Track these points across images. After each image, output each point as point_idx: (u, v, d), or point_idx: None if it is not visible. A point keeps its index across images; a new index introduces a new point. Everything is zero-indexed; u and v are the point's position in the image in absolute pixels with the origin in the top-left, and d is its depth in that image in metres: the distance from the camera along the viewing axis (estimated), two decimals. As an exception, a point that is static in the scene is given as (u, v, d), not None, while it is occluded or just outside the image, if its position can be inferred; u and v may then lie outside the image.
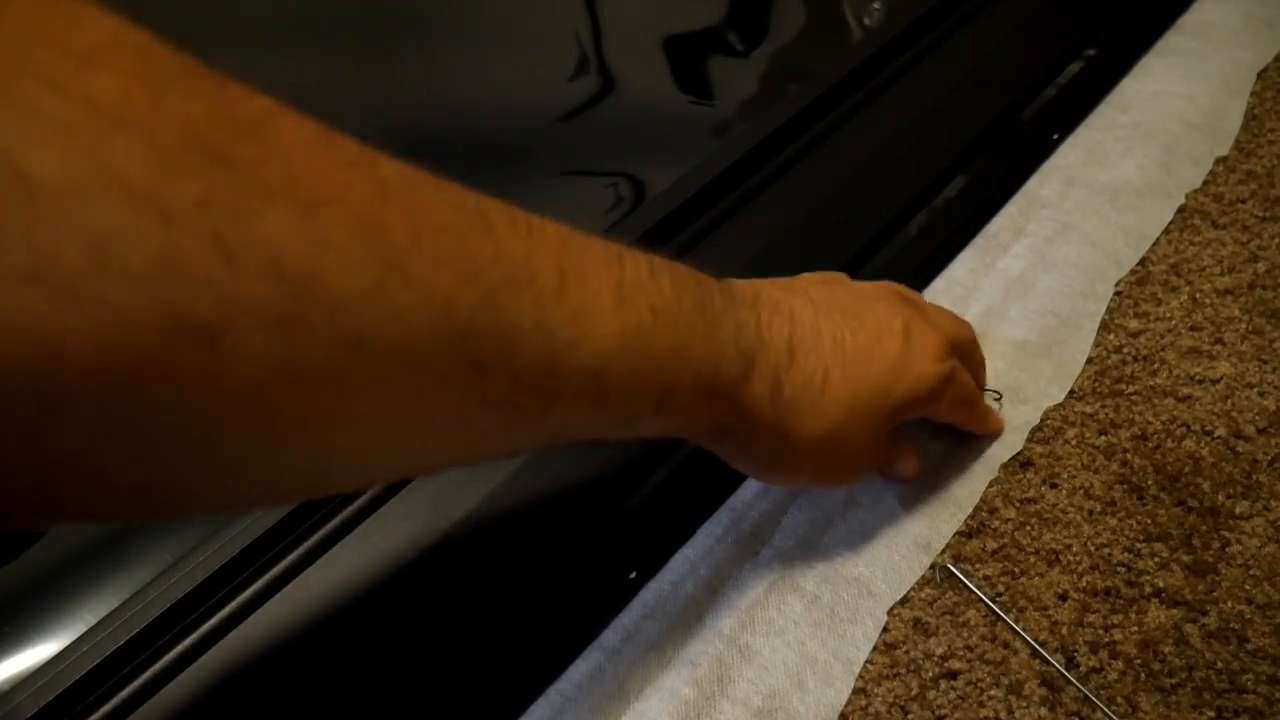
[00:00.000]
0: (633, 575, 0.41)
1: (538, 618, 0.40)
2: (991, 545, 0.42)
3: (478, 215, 0.24)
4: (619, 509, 0.43)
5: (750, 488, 0.44)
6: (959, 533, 0.43)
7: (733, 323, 0.32)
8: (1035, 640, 0.39)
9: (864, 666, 0.39)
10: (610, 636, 0.39)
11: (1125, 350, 0.49)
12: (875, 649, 0.39)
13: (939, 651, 0.39)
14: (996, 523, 0.43)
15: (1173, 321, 0.50)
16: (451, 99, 0.64)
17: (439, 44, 0.67)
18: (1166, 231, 0.55)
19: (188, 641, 0.38)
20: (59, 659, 0.37)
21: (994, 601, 0.41)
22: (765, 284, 0.36)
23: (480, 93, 0.64)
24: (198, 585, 0.38)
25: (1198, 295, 0.51)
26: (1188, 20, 0.67)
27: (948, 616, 0.40)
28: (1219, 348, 0.49)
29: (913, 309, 0.39)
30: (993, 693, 0.38)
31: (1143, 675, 0.38)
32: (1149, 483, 0.44)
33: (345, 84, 0.64)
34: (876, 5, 0.70)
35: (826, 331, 0.35)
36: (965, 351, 0.43)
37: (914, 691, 0.38)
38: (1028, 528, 0.43)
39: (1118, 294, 0.52)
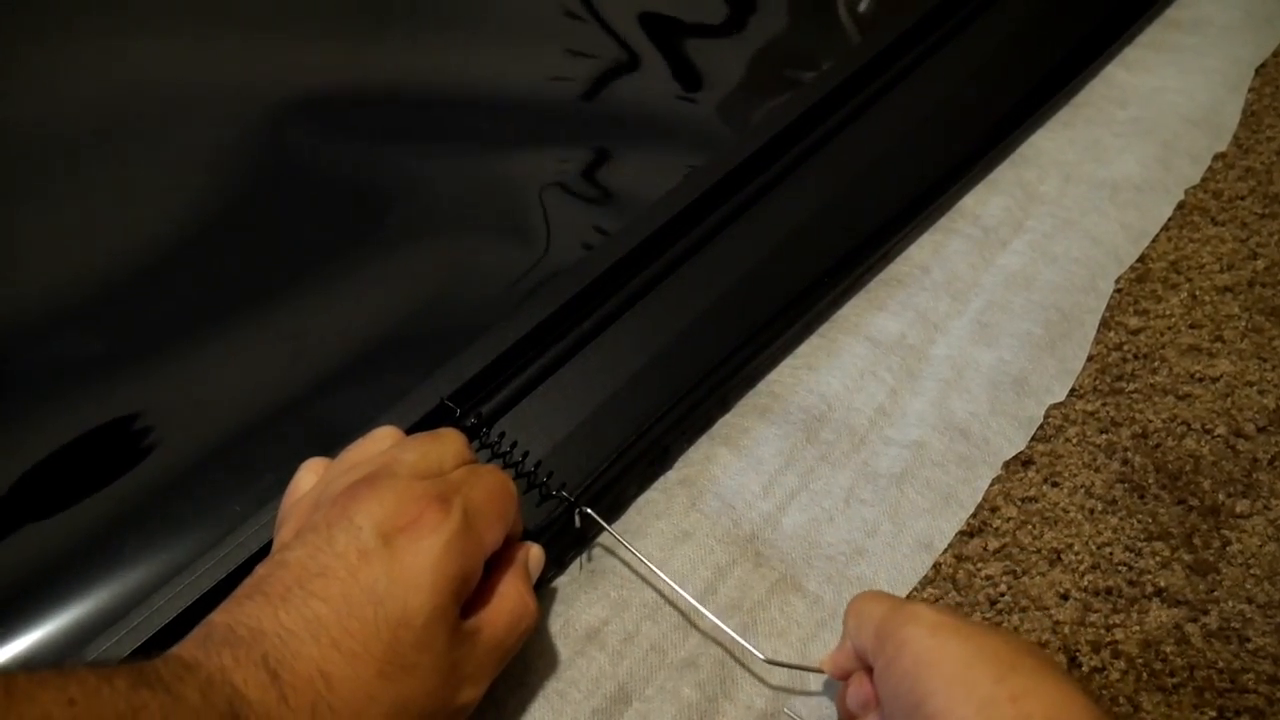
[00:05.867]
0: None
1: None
2: (993, 544, 0.42)
3: None
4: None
5: (751, 486, 0.44)
6: (960, 532, 0.43)
7: (196, 686, 0.28)
8: (1039, 642, 0.39)
9: (866, 667, 0.39)
10: (612, 637, 0.39)
11: (1126, 348, 0.49)
12: (877, 649, 0.39)
13: (941, 651, 0.39)
14: (998, 521, 0.43)
15: (1173, 319, 0.50)
16: (447, 95, 0.63)
17: (435, 39, 0.67)
18: (1166, 228, 0.55)
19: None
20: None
21: (997, 600, 0.41)
22: (236, 611, 0.30)
23: (476, 90, 0.63)
24: (204, 594, 0.38)
25: (1197, 292, 0.51)
26: (1186, 16, 0.67)
27: (950, 616, 0.40)
28: (1219, 345, 0.49)
29: (378, 481, 0.33)
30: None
31: (1144, 675, 0.38)
32: (1150, 481, 0.44)
33: (342, 79, 0.63)
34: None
35: (300, 617, 0.30)
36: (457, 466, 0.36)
37: (916, 692, 0.38)
38: (1029, 527, 0.43)
39: (1118, 291, 0.52)
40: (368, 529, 0.31)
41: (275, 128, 0.60)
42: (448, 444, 0.36)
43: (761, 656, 0.37)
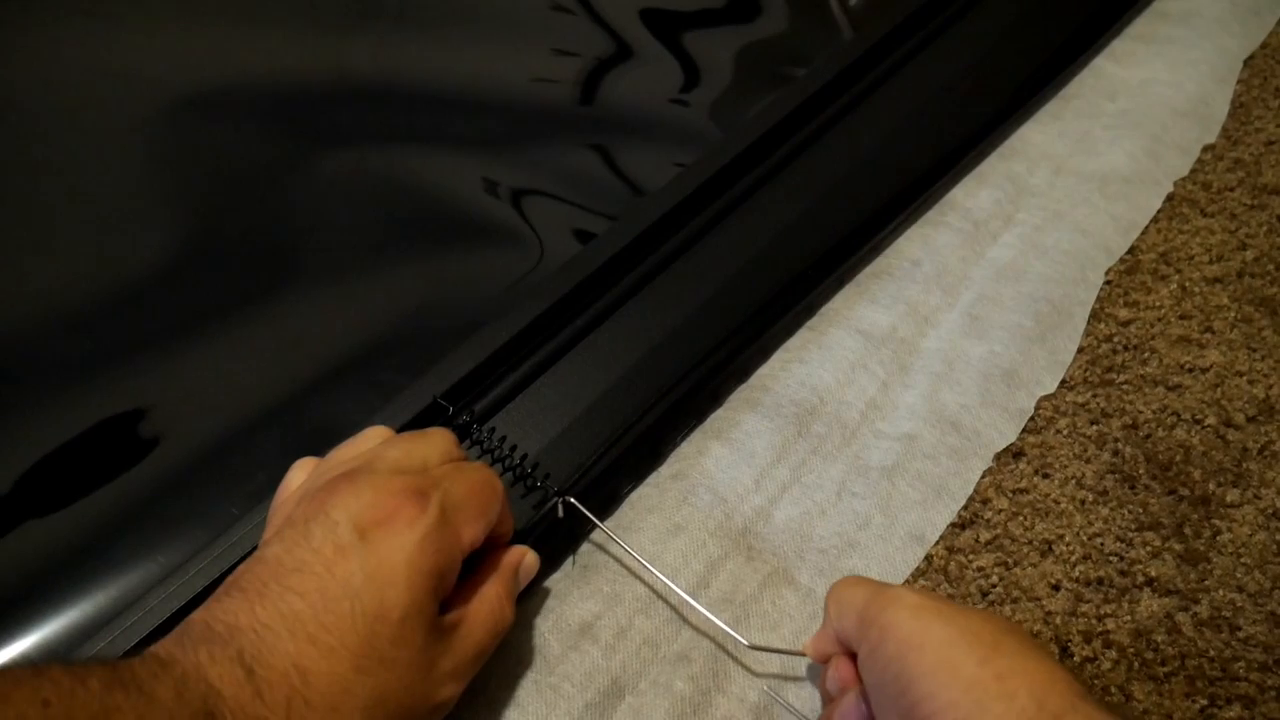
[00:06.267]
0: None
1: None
2: (985, 536, 0.42)
3: None
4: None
5: (743, 479, 0.44)
6: (952, 524, 0.43)
7: (171, 684, 0.28)
8: (1031, 632, 0.39)
9: (859, 659, 0.39)
10: (604, 631, 0.39)
11: (1116, 339, 0.49)
12: (870, 641, 0.39)
13: (933, 643, 0.39)
14: (989, 513, 0.43)
15: (1162, 310, 0.50)
16: (436, 94, 0.63)
17: (424, 38, 0.67)
18: (1155, 220, 0.55)
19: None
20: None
21: (989, 592, 0.41)
22: (214, 608, 0.31)
23: (465, 88, 0.63)
24: (197, 594, 0.38)
25: (1187, 284, 0.51)
26: (1175, 8, 0.67)
27: (942, 608, 0.40)
28: (1208, 336, 0.49)
29: (357, 477, 0.33)
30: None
31: (1136, 664, 0.38)
32: (1140, 472, 0.44)
33: (332, 78, 0.63)
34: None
35: (276, 612, 0.30)
36: (440, 461, 0.36)
37: (909, 683, 0.38)
38: (1020, 518, 0.43)
39: (1107, 283, 0.52)
40: (344, 523, 0.31)
41: (266, 127, 0.60)
42: (433, 441, 0.36)
43: (745, 642, 0.37)
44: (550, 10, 0.69)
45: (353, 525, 0.31)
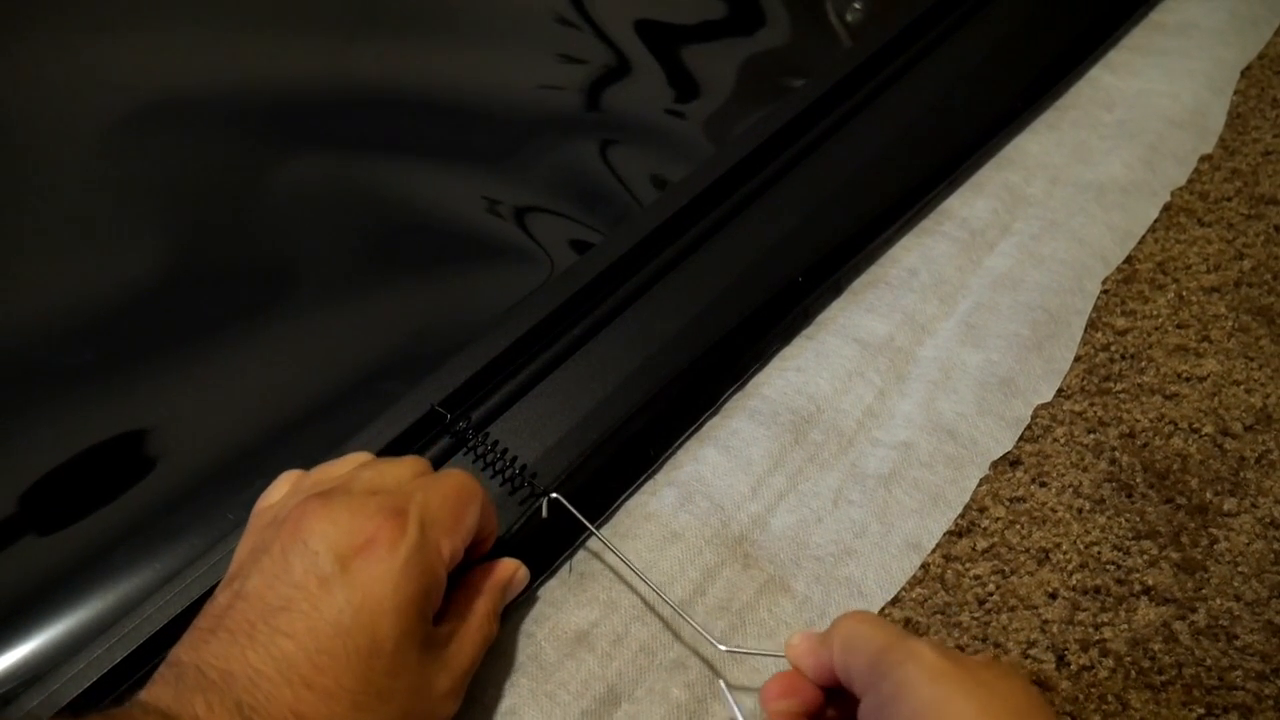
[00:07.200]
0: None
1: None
2: (982, 544, 0.42)
3: None
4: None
5: (740, 487, 0.44)
6: (949, 532, 0.43)
7: None
8: (1027, 641, 0.39)
9: (855, 667, 0.39)
10: (601, 639, 0.39)
11: (1113, 348, 0.49)
12: (866, 649, 0.39)
13: (930, 651, 0.39)
14: (986, 521, 0.43)
15: (1160, 319, 0.50)
16: (436, 100, 0.63)
17: (423, 45, 0.67)
18: (1152, 229, 0.55)
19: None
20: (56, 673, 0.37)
21: (986, 600, 0.41)
22: (204, 651, 0.30)
23: (468, 97, 0.64)
24: (194, 602, 0.38)
25: (1184, 293, 0.52)
26: (1171, 19, 0.67)
27: (939, 616, 0.40)
28: (1206, 345, 0.49)
29: (332, 499, 0.33)
30: (984, 692, 0.38)
31: (1133, 673, 0.38)
32: (1137, 480, 0.44)
33: (336, 89, 0.64)
34: (857, 5, 0.70)
35: (268, 656, 0.29)
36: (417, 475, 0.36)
37: (905, 691, 0.38)
38: (1017, 526, 0.43)
39: (1104, 292, 0.52)
40: (324, 553, 0.31)
41: (268, 139, 0.60)
42: (405, 462, 0.36)
43: (724, 648, 0.37)
44: (552, 23, 0.69)
45: (333, 555, 0.31)
